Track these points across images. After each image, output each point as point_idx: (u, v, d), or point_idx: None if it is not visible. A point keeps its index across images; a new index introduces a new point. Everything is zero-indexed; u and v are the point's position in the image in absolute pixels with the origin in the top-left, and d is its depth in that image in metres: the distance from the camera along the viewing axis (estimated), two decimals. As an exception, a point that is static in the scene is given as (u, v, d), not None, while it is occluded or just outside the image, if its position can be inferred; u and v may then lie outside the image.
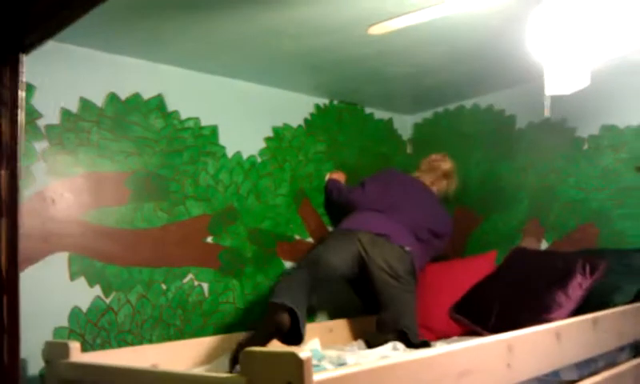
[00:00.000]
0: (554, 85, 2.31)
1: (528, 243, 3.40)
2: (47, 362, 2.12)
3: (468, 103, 3.81)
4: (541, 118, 3.43)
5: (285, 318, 2.45)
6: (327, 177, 3.51)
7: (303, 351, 1.34)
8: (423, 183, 3.33)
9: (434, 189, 3.37)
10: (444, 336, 3.07)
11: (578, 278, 2.67)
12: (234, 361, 2.31)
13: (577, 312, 2.58)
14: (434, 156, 3.47)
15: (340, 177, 3.51)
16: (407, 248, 2.93)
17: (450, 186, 3.45)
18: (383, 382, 1.53)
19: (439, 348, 1.77)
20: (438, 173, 3.39)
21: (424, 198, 3.25)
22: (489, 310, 2.84)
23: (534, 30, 2.19)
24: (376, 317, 2.90)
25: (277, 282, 2.79)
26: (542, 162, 3.44)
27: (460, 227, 3.70)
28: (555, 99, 2.77)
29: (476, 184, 3.72)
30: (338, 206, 3.41)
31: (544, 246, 3.38)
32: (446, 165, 3.43)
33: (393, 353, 2.50)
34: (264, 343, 2.42)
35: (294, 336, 2.49)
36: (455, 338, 3.01)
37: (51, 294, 2.42)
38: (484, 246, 3.59)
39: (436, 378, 1.65)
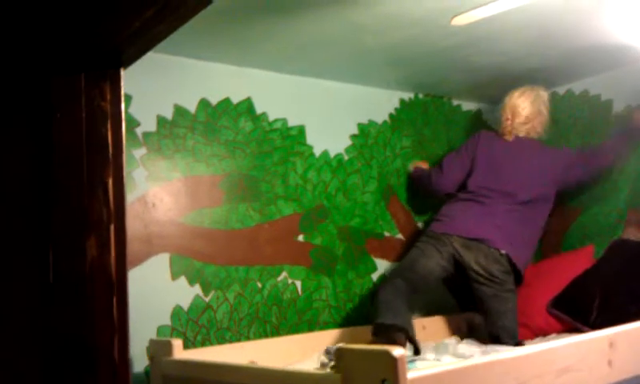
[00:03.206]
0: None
1: (630, 234, 3.22)
2: (152, 359, 2.23)
3: (561, 89, 3.66)
4: (639, 102, 3.25)
5: (402, 339, 2.45)
6: (411, 166, 3.42)
7: (398, 349, 1.35)
8: (520, 138, 3.17)
9: (535, 136, 3.20)
10: (542, 333, 2.98)
11: (686, 270, 2.53)
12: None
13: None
14: (505, 113, 3.19)
15: (424, 166, 3.42)
16: (503, 251, 2.84)
17: (544, 118, 3.22)
18: (479, 379, 1.51)
19: (537, 345, 1.73)
20: (527, 123, 3.16)
21: (527, 155, 3.12)
22: (589, 305, 2.74)
23: (629, 11, 2.09)
24: (466, 319, 2.86)
25: (375, 295, 2.77)
26: (642, 148, 3.26)
27: (555, 222, 3.56)
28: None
29: (571, 174, 3.57)
30: (424, 197, 3.36)
31: (648, 237, 3.20)
32: (525, 110, 3.15)
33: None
34: None
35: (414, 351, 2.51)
36: (554, 335, 2.91)
37: (154, 293, 2.55)
38: (582, 240, 3.43)
39: (534, 375, 1.61)
